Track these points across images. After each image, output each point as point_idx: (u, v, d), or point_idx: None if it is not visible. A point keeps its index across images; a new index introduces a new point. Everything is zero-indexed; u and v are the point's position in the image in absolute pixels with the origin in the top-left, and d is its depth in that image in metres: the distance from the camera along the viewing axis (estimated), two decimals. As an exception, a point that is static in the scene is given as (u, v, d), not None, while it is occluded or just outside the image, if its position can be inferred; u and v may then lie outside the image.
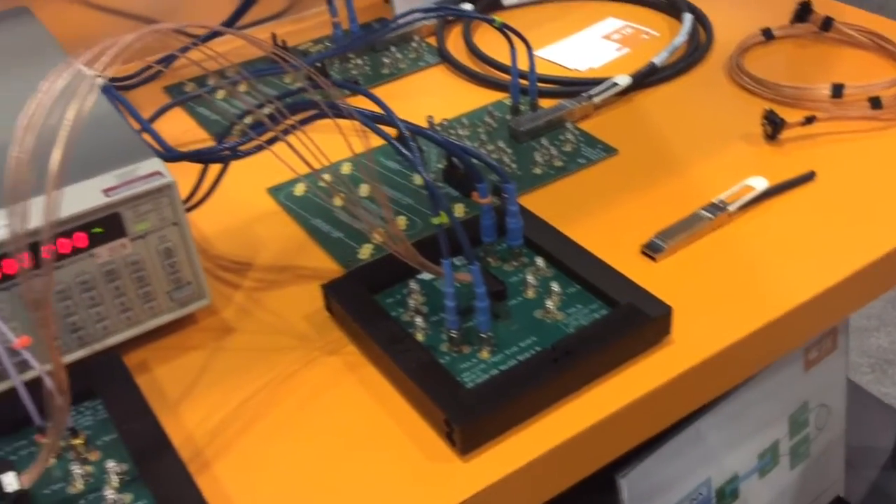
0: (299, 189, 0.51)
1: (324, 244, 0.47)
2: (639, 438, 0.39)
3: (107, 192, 0.37)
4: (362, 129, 0.37)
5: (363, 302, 0.40)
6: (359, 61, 0.63)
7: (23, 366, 0.37)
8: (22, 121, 0.28)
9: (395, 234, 0.37)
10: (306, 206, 0.50)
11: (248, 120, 0.48)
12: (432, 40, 0.65)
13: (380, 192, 0.37)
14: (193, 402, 0.38)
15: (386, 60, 0.63)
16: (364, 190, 0.50)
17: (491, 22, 0.50)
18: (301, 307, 0.43)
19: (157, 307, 0.41)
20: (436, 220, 0.35)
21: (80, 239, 0.37)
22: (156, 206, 0.38)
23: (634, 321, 0.37)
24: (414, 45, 0.64)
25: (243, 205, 0.50)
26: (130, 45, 0.30)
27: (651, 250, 0.43)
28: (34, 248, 0.36)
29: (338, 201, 0.50)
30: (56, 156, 0.27)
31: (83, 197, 0.37)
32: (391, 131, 0.37)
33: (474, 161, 0.40)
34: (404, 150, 0.35)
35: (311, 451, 0.36)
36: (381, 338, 0.38)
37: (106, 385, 0.37)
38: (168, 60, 0.63)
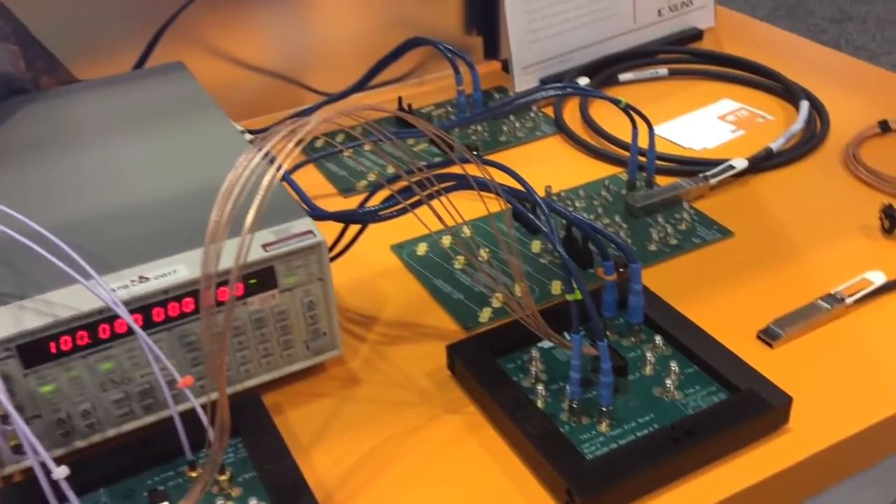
0: (421, 249, 0.54)
1: (445, 304, 0.49)
2: (751, 523, 0.39)
3: (265, 247, 0.40)
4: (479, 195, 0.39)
5: (486, 365, 0.42)
6: (478, 127, 0.66)
7: (176, 399, 0.41)
8: (223, 191, 0.31)
9: (526, 304, 0.39)
10: (428, 265, 0.52)
11: (371, 178, 0.51)
12: (549, 110, 0.68)
13: (516, 265, 0.39)
14: (324, 447, 0.41)
15: (504, 128, 0.66)
16: (482, 254, 0.53)
17: (617, 103, 0.53)
18: (423, 364, 0.45)
19: (294, 354, 0.44)
20: (570, 297, 0.37)
21: (238, 288, 0.40)
22: (305, 262, 0.42)
23: (755, 408, 0.38)
24: (531, 114, 0.67)
25: (368, 260, 0.53)
26: (315, 128, 0.33)
27: (768, 336, 0.44)
28: (198, 294, 0.40)
29: (458, 264, 0.52)
30: (250, 217, 0.31)
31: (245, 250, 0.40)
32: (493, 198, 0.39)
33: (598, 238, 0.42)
34: (545, 229, 0.37)
35: (433, 505, 0.38)
36: (505, 403, 0.40)
37: (247, 425, 0.40)
38: (300, 115, 0.67)
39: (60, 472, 0.31)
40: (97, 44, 0.64)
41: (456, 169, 0.40)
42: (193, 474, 0.38)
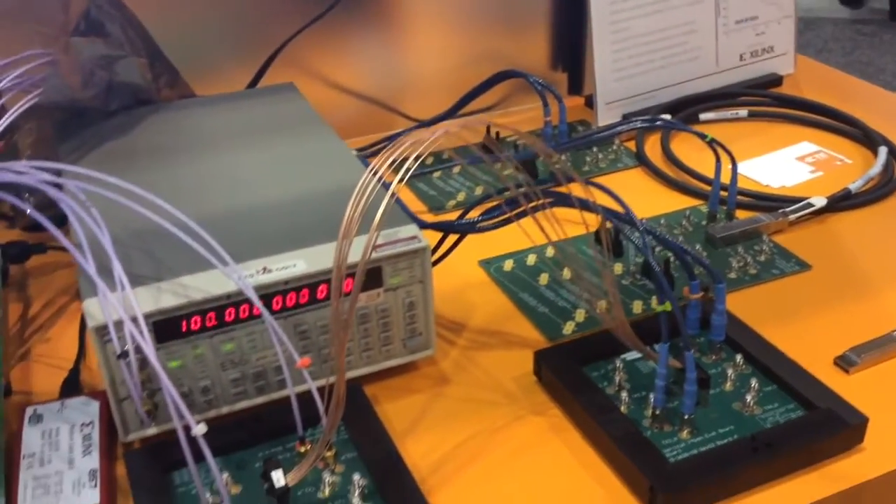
0: (508, 265, 0.57)
1: (530, 316, 0.52)
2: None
3: (375, 248, 0.44)
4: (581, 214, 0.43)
5: (573, 372, 0.45)
6: (562, 157, 0.69)
7: (281, 384, 0.44)
8: (356, 191, 0.35)
9: (616, 315, 0.42)
10: (514, 280, 0.55)
11: (460, 199, 0.54)
12: (630, 144, 0.71)
13: (609, 277, 0.42)
14: (416, 437, 0.44)
15: (587, 159, 0.69)
16: (566, 273, 0.56)
17: (703, 137, 0.55)
18: (509, 369, 0.48)
19: (391, 351, 0.47)
20: (659, 308, 0.40)
21: (348, 284, 0.44)
22: (409, 264, 0.45)
23: (832, 425, 0.40)
24: (614, 147, 0.70)
25: (458, 273, 0.56)
26: (435, 140, 0.36)
27: (845, 363, 0.46)
28: (314, 286, 0.44)
29: (543, 280, 0.55)
30: (379, 213, 0.34)
31: (357, 250, 0.44)
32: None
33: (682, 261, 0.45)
34: (639, 245, 0.40)
35: (517, 497, 0.40)
36: (590, 406, 0.42)
37: (350, 410, 0.43)
38: (392, 138, 0.71)
39: (199, 429, 0.34)
40: (215, 64, 0.69)
41: (561, 190, 0.43)
42: (302, 450, 0.41)
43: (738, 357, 0.45)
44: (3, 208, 0.64)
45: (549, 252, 0.58)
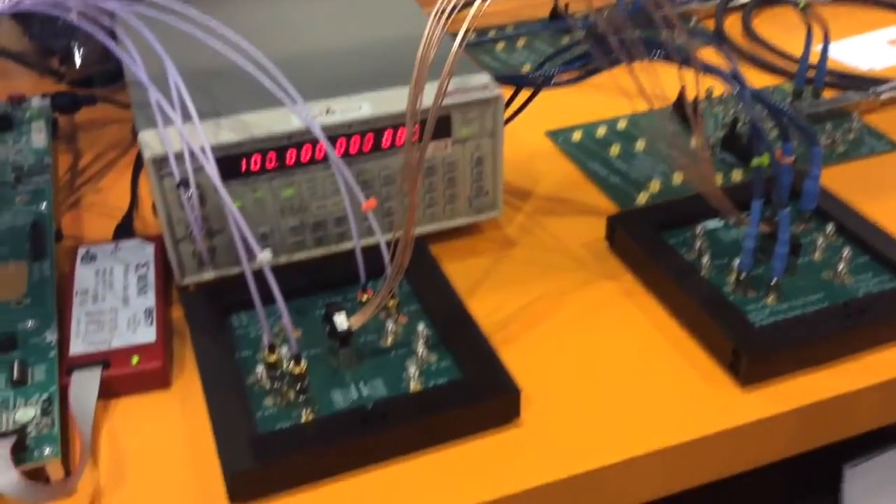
0: (577, 135, 0.54)
1: (601, 185, 0.49)
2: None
3: (447, 95, 0.41)
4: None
5: (650, 236, 0.42)
6: (636, 34, 0.65)
7: (343, 236, 0.43)
8: (429, 24, 0.32)
9: (706, 176, 0.39)
10: (583, 150, 0.52)
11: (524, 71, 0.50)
12: (708, 23, 0.67)
13: (700, 129, 0.39)
14: (481, 297, 0.42)
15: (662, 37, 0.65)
16: (640, 145, 0.53)
17: (795, 4, 0.51)
18: (579, 235, 0.46)
19: (456, 209, 0.45)
20: (755, 162, 0.37)
21: (415, 133, 0.41)
22: (481, 115, 0.42)
23: (933, 295, 0.37)
24: (690, 25, 0.66)
25: (524, 143, 0.53)
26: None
27: (942, 239, 0.43)
28: (379, 131, 0.41)
29: (614, 152, 0.52)
30: (454, 48, 0.32)
31: (427, 96, 0.41)
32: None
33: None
34: (742, 90, 0.37)
35: (588, 357, 0.38)
36: (669, 269, 0.40)
37: (413, 264, 0.41)
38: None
39: (265, 255, 0.33)
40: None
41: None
42: (364, 299, 0.39)
43: (829, 227, 0.42)
44: (52, 63, 0.62)
45: (622, 125, 0.55)
